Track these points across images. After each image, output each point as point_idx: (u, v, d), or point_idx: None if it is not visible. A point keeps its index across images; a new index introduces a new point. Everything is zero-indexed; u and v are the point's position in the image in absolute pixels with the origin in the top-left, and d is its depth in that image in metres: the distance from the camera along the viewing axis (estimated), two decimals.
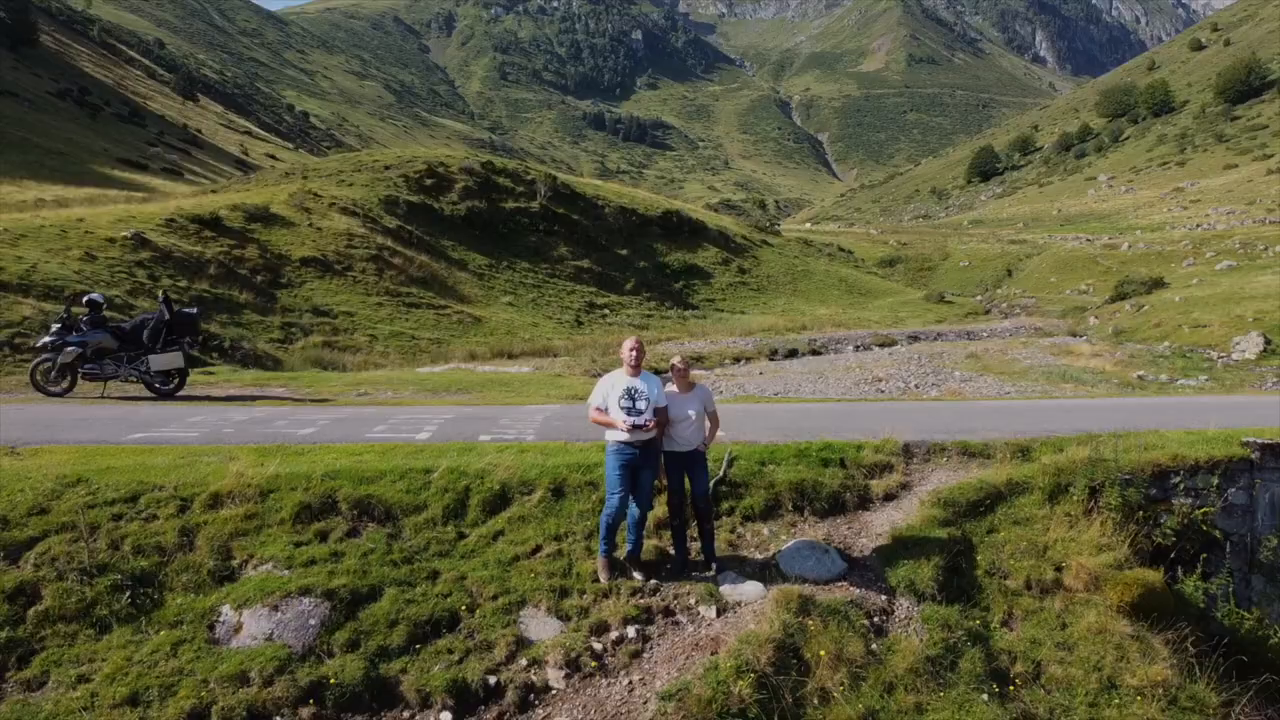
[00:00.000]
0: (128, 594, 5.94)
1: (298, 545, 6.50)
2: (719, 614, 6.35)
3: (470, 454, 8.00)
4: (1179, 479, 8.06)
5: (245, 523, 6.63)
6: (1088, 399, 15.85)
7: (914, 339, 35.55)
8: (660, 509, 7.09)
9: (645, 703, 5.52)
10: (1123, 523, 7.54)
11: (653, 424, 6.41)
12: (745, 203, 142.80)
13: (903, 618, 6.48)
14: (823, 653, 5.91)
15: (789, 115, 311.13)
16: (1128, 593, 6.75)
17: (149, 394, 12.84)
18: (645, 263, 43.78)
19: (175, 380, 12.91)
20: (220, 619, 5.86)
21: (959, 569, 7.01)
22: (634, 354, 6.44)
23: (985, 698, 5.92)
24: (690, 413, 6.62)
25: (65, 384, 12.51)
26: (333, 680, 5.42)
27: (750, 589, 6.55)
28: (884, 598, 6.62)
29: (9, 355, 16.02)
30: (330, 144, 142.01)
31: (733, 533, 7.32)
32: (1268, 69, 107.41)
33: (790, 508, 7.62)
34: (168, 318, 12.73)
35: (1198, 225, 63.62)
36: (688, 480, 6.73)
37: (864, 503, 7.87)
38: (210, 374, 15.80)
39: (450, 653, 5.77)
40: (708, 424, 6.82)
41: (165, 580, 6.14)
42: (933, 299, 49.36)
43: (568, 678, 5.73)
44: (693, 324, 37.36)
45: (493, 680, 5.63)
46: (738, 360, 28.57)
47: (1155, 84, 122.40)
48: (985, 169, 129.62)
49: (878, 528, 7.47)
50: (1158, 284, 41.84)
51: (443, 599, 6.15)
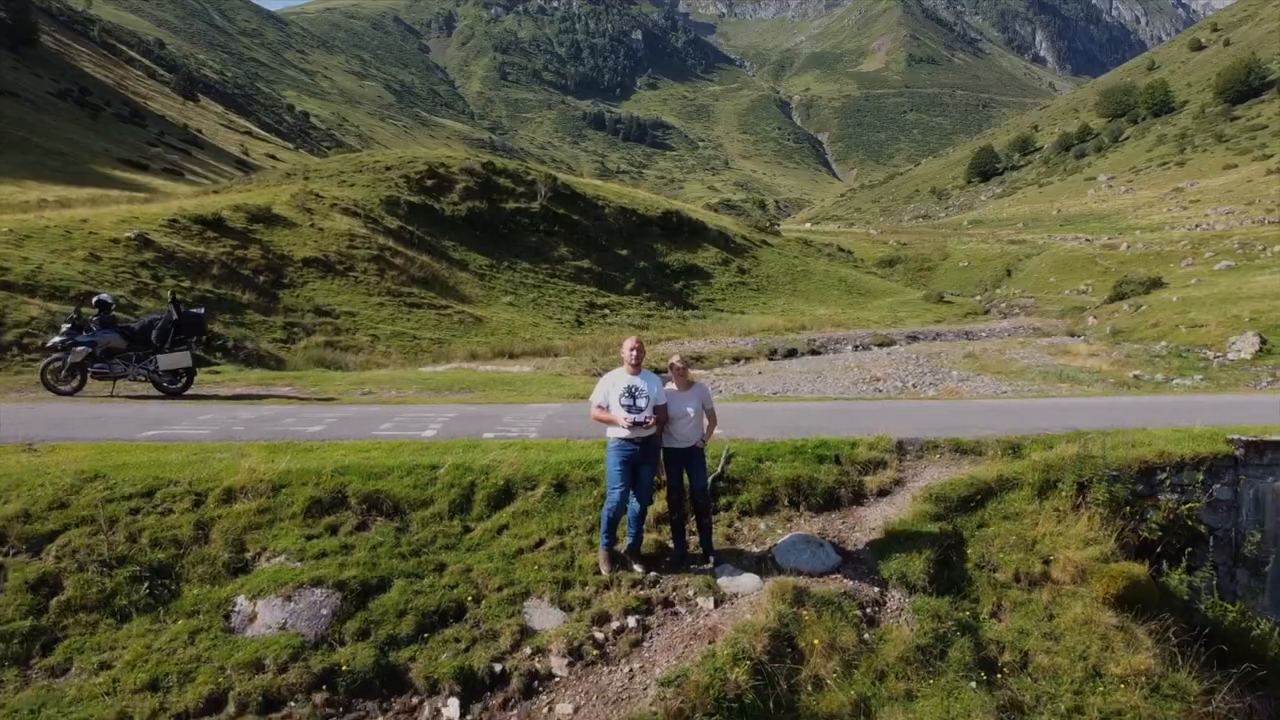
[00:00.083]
0: (146, 585, 6.17)
1: (309, 538, 6.72)
2: (716, 605, 6.56)
3: (475, 451, 8.21)
4: (1165, 475, 8.28)
5: (258, 517, 6.86)
6: (1081, 398, 16.05)
7: (913, 339, 35.69)
8: (660, 504, 7.30)
9: (645, 689, 5.73)
10: (1110, 518, 7.75)
11: (652, 421, 6.63)
12: (745, 203, 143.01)
13: (894, 609, 6.69)
14: (816, 642, 6.13)
15: (789, 115, 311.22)
16: (1113, 585, 6.96)
17: (157, 393, 13.04)
18: (645, 263, 43.95)
19: (183, 379, 13.12)
20: (235, 609, 6.07)
21: (950, 562, 7.22)
22: (634, 353, 6.66)
23: (973, 686, 6.13)
24: (689, 410, 6.84)
25: (75, 383, 12.71)
26: (344, 667, 5.63)
27: (747, 581, 6.76)
28: (876, 589, 6.83)
29: (17, 355, 16.22)
30: (330, 144, 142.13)
31: (730, 527, 7.53)
32: (1267, 69, 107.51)
33: (786, 503, 7.83)
34: (176, 318, 12.95)
35: (1197, 225, 63.74)
36: (686, 476, 6.95)
37: (858, 498, 8.08)
38: (216, 373, 16.02)
39: (457, 641, 5.98)
40: (706, 421, 7.04)
41: (182, 572, 6.37)
42: (932, 299, 49.51)
43: (570, 665, 5.94)
44: (692, 324, 37.53)
45: (498, 668, 5.85)
46: (737, 360, 28.72)
47: (1155, 84, 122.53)
48: (985, 169, 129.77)
49: (871, 522, 7.68)
50: (1156, 284, 41.92)
51: (450, 590, 6.37)
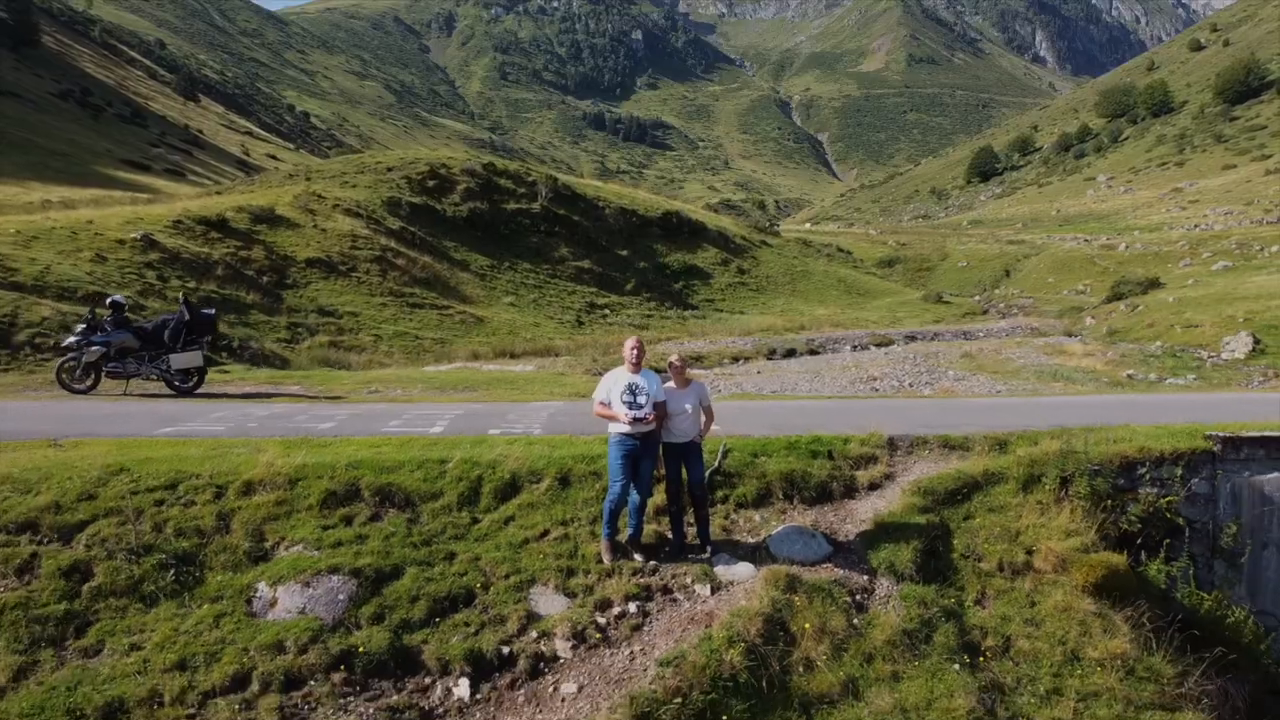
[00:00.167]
0: (172, 572, 6.50)
1: (325, 528, 7.06)
2: (713, 592, 6.89)
3: (482, 446, 8.54)
4: (1145, 470, 8.60)
5: (276, 508, 7.20)
6: (1071, 396, 16.37)
7: (911, 339, 35.92)
8: (659, 496, 7.64)
9: (645, 670, 6.06)
10: (1091, 510, 8.08)
11: (652, 417, 6.96)
12: (745, 203, 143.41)
13: (883, 596, 7.02)
14: (808, 626, 6.45)
15: (789, 115, 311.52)
16: (1092, 574, 7.28)
17: (169, 391, 13.36)
18: (645, 263, 44.26)
19: (194, 378, 13.45)
20: (257, 594, 6.41)
21: (936, 552, 7.55)
22: (635, 352, 7.00)
23: (957, 668, 6.45)
24: (687, 406, 7.18)
25: (89, 382, 13.03)
26: (361, 649, 5.96)
27: (742, 569, 7.09)
28: (866, 577, 7.16)
29: (30, 355, 16.52)
30: (331, 144, 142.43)
31: (727, 519, 7.87)
32: (1266, 69, 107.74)
33: (781, 496, 8.16)
34: (188, 318, 13.29)
35: (1196, 226, 64.02)
36: (685, 469, 7.28)
37: (850, 492, 8.41)
38: (225, 372, 16.35)
39: (467, 625, 6.32)
40: (703, 417, 7.37)
41: (205, 560, 6.70)
42: (931, 299, 49.77)
43: (574, 648, 6.27)
44: (692, 324, 37.83)
45: (506, 650, 6.18)
46: (736, 360, 28.98)
47: (1154, 84, 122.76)
48: (985, 169, 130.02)
49: (862, 514, 8.01)
50: (1153, 284, 42.17)
51: (459, 578, 6.70)
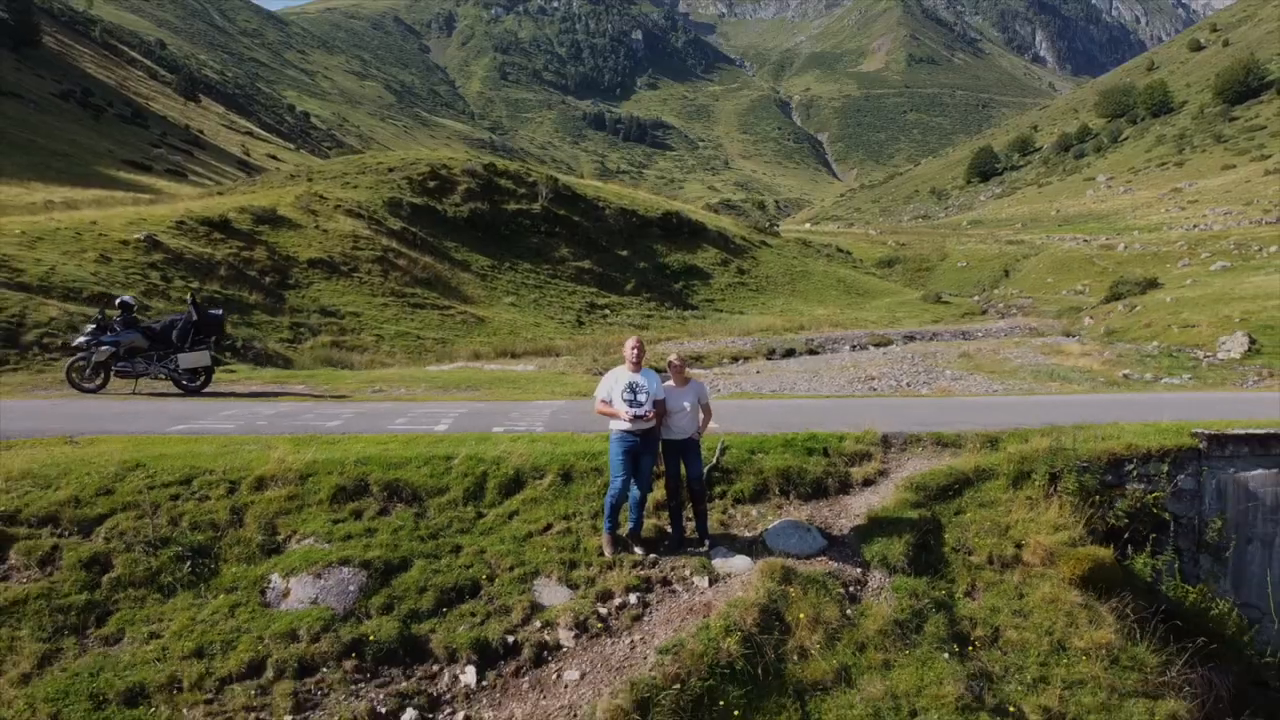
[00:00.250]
0: (188, 563, 6.73)
1: (335, 522, 7.29)
2: (711, 584, 7.12)
3: (486, 443, 8.77)
4: (1132, 466, 8.83)
5: (288, 502, 7.43)
6: (1065, 395, 16.60)
7: (910, 339, 36.13)
8: (659, 492, 7.87)
9: (645, 657, 6.28)
10: (1079, 505, 8.30)
11: (652, 414, 7.19)
12: (745, 203, 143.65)
13: (875, 587, 7.25)
14: (802, 616, 6.68)
15: (789, 115, 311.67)
16: (1079, 566, 7.51)
17: (176, 391, 13.59)
18: (645, 263, 44.47)
19: (202, 378, 13.67)
20: (270, 585, 6.63)
21: (928, 546, 7.78)
22: (635, 352, 7.24)
23: (946, 656, 6.68)
24: (685, 404, 7.40)
25: (99, 381, 13.26)
26: (371, 638, 6.19)
27: (739, 562, 7.32)
28: (859, 570, 7.39)
29: (38, 354, 16.73)
30: (331, 144, 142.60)
31: (724, 513, 8.10)
32: (1266, 70, 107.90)
33: (777, 492, 8.39)
34: (195, 319, 13.51)
35: (1195, 226, 64.20)
36: (683, 466, 7.51)
37: (844, 487, 8.63)
38: (231, 372, 16.58)
39: (473, 615, 6.54)
40: (701, 415, 7.60)
41: (220, 552, 6.93)
42: (930, 299, 49.98)
43: (577, 637, 6.50)
44: (692, 324, 38.05)
45: (511, 639, 6.41)
46: (736, 360, 29.19)
47: (1154, 84, 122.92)
48: (985, 169, 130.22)
49: (856, 510, 8.24)
50: (1152, 284, 42.33)
51: (465, 570, 6.93)
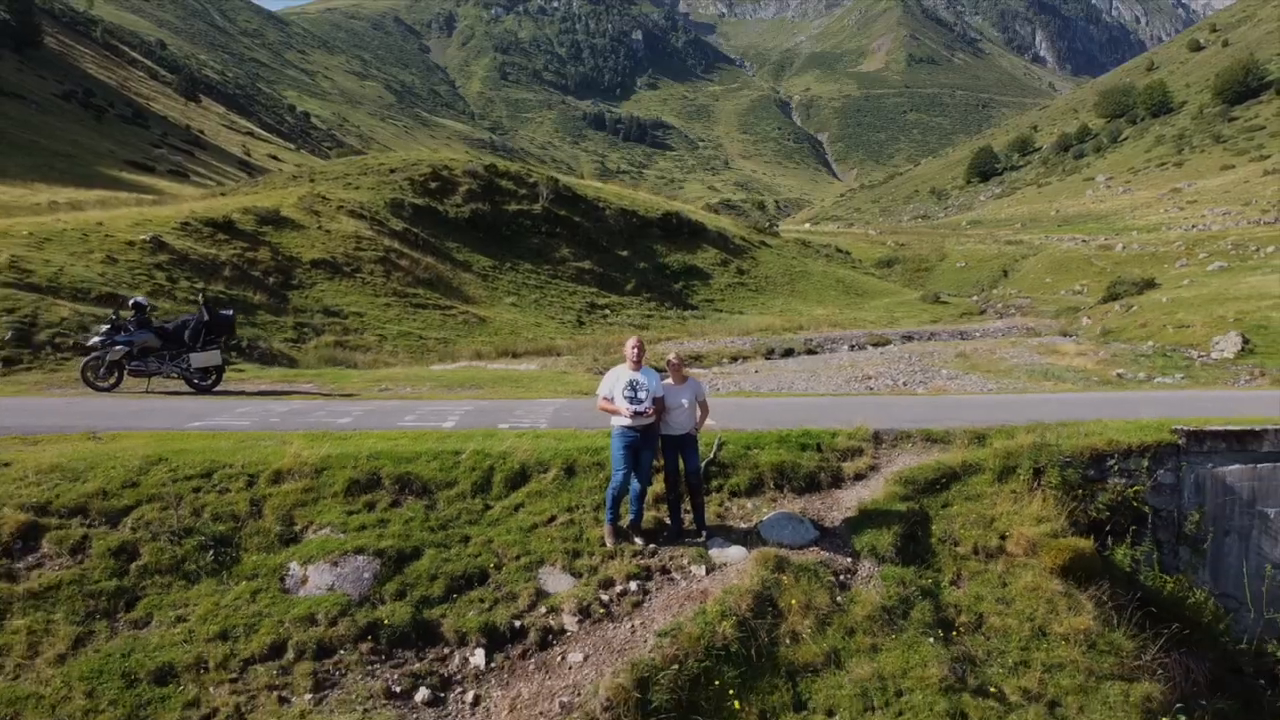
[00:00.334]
0: (211, 552, 7.09)
1: (350, 513, 7.64)
2: (708, 572, 7.47)
3: (492, 439, 9.12)
4: (1114, 461, 9.17)
5: (304, 495, 7.78)
6: (1056, 394, 16.94)
7: (908, 339, 36.41)
8: (658, 485, 8.22)
9: (645, 640, 6.63)
10: (1062, 499, 8.64)
11: (651, 411, 7.54)
12: (745, 203, 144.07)
13: (864, 576, 7.59)
14: (794, 602, 7.03)
15: (789, 115, 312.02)
16: (1060, 556, 7.85)
17: (188, 389, 13.93)
18: (645, 264, 44.79)
19: (213, 376, 14.01)
20: (289, 573, 6.98)
21: (916, 537, 8.13)
22: (635, 351, 7.59)
23: (931, 641, 7.03)
24: (683, 401, 7.75)
25: (113, 380, 13.60)
26: (385, 622, 6.54)
27: (735, 552, 7.67)
28: (849, 559, 7.74)
29: (51, 354, 17.08)
30: (331, 144, 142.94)
31: (721, 506, 8.44)
32: (1265, 70, 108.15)
33: (772, 485, 8.73)
34: (207, 319, 13.86)
35: (1194, 226, 64.49)
36: (681, 460, 7.86)
37: (836, 482, 8.97)
38: (240, 371, 16.93)
39: (482, 602, 6.90)
40: (698, 411, 7.94)
41: (240, 541, 7.29)
42: (929, 299, 50.27)
43: (580, 622, 6.85)
44: (692, 324, 38.37)
45: (518, 624, 6.77)
46: (735, 359, 29.50)
47: (1154, 84, 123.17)
48: (984, 169, 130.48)
49: (847, 503, 8.58)
50: (1149, 285, 42.53)
51: (474, 558, 7.29)
